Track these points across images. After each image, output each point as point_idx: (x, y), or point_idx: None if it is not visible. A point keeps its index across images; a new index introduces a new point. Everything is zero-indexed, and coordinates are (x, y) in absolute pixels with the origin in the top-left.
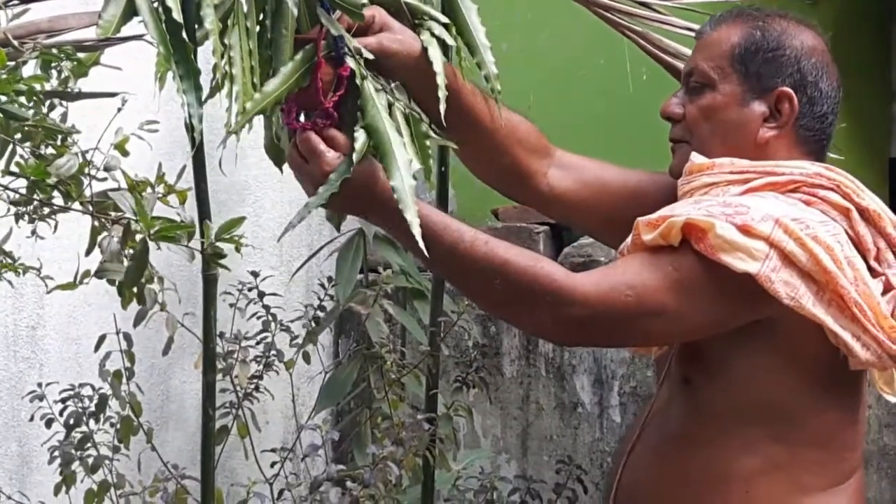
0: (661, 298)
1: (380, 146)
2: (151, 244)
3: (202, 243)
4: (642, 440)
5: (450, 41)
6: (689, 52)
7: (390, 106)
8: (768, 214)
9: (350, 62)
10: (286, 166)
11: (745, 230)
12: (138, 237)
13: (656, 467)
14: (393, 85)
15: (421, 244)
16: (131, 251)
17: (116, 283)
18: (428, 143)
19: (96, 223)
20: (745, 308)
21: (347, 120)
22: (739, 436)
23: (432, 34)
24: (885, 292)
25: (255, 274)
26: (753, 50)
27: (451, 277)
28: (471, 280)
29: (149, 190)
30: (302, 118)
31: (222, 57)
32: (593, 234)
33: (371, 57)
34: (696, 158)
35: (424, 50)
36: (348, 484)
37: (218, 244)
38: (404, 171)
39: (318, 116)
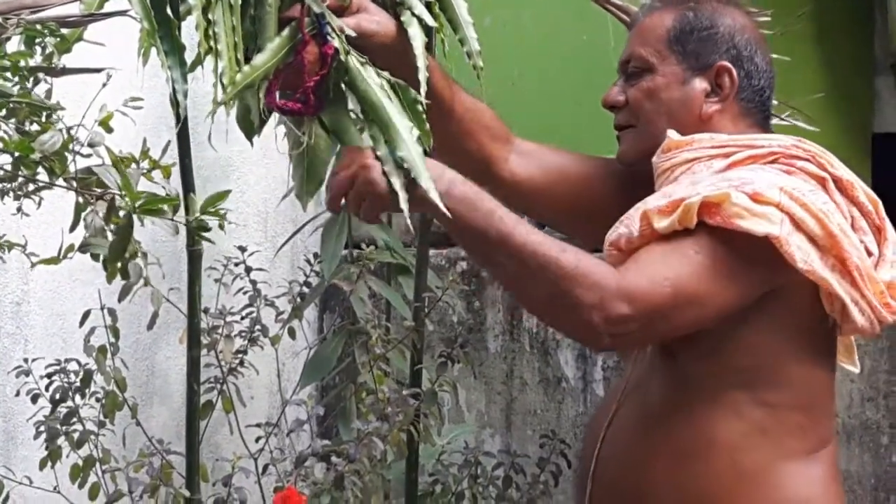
0: (693, 285)
1: (378, 118)
2: (135, 219)
3: (186, 217)
4: (621, 414)
5: (430, 22)
6: None
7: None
8: (772, 183)
9: (335, 41)
10: (259, 142)
11: (756, 198)
12: (122, 212)
13: (640, 440)
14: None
15: (443, 209)
16: (115, 226)
17: (101, 258)
18: (420, 108)
19: (80, 199)
20: (765, 275)
21: (327, 100)
22: (723, 401)
23: (412, 13)
24: None
25: (242, 249)
26: (688, 30)
27: (484, 266)
28: (507, 274)
29: (133, 165)
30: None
31: (206, 32)
32: (551, 222)
33: (353, 34)
34: (674, 135)
35: (401, 31)
36: (333, 459)
37: (202, 218)
38: (408, 139)
39: (297, 96)
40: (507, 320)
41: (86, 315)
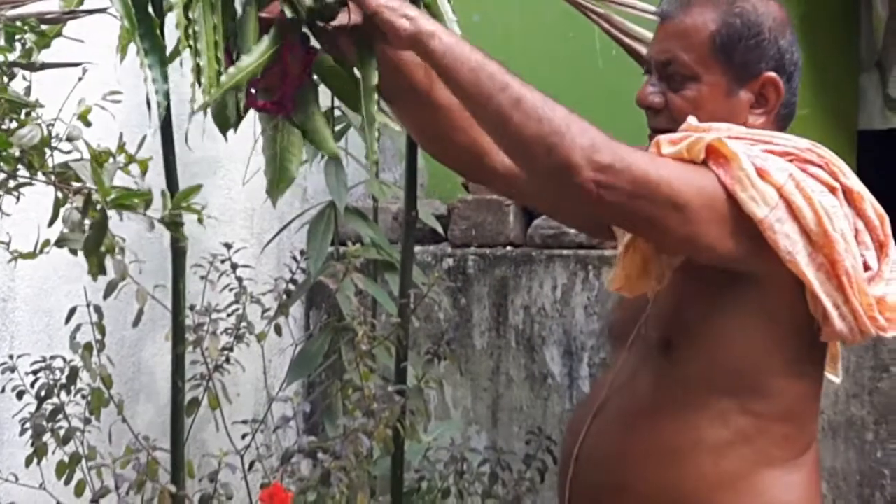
0: (685, 190)
1: None
2: (116, 215)
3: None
4: (606, 410)
5: None
6: (650, 35)
7: None
8: (783, 168)
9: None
10: (245, 139)
11: (761, 173)
12: (98, 206)
13: (623, 436)
14: None
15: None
16: (91, 221)
17: (83, 253)
18: None
19: (59, 194)
20: (750, 246)
21: (304, 102)
22: (711, 406)
23: None
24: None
25: (228, 245)
26: (736, 38)
27: (468, 100)
28: (494, 110)
29: (110, 160)
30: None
31: (186, 31)
32: (547, 211)
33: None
34: (693, 120)
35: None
36: (319, 455)
37: (175, 212)
38: None
39: (276, 98)
40: (493, 317)
41: (71, 312)
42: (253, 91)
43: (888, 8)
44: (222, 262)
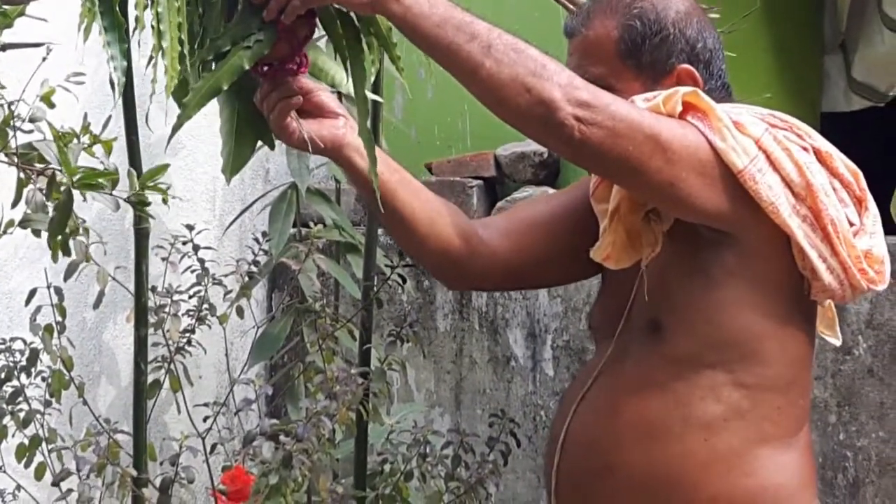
0: (668, 136)
1: None
2: (80, 196)
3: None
4: (594, 391)
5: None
6: None
7: None
8: (759, 122)
9: None
10: (207, 119)
11: (738, 126)
12: (63, 187)
13: (610, 418)
14: None
15: None
16: (55, 202)
17: (45, 235)
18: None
19: (22, 175)
20: (723, 204)
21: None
22: (703, 381)
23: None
24: None
25: (189, 227)
26: (639, 41)
27: (437, 52)
28: (466, 57)
29: (74, 140)
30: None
31: (145, 9)
32: (547, 279)
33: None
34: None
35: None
36: (281, 438)
37: (144, 192)
38: None
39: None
40: (456, 299)
41: (32, 294)
42: (262, 67)
43: None
44: (184, 243)
